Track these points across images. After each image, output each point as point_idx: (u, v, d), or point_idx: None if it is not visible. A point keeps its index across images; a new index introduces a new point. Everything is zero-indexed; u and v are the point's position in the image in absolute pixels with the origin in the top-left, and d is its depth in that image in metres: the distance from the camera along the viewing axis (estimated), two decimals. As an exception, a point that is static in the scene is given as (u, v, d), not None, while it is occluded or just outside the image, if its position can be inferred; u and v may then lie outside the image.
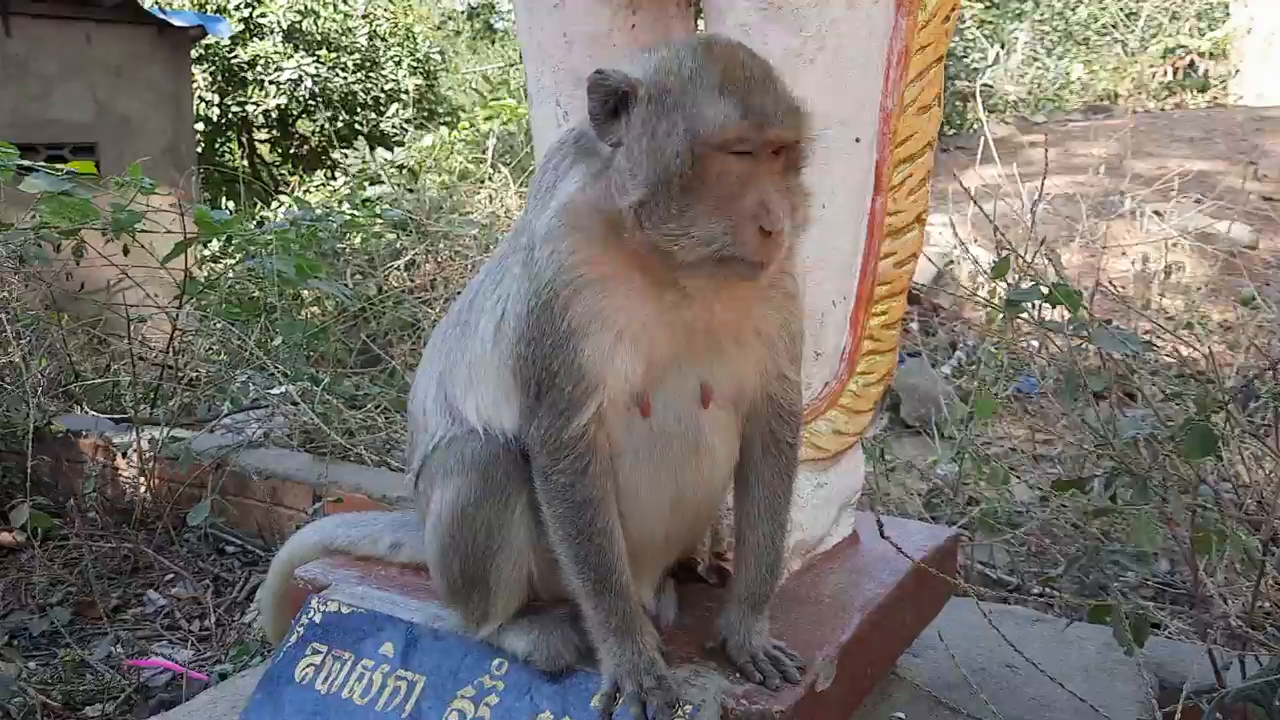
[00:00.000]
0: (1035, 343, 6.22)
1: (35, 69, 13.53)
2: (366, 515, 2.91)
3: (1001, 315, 4.96)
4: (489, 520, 2.19)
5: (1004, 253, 3.95)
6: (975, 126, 13.61)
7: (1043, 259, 3.55)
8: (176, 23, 14.45)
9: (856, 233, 2.76)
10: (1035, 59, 19.06)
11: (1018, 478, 5.28)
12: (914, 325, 8.21)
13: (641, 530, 2.21)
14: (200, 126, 22.57)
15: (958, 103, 14.66)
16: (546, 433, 2.07)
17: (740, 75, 1.93)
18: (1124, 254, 7.86)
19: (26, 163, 6.27)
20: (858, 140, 2.67)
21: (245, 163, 24.76)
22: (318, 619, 2.57)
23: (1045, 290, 3.23)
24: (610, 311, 2.01)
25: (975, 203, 3.44)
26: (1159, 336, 5.51)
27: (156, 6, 15.45)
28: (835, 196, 2.68)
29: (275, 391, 5.33)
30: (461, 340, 2.30)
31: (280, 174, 24.27)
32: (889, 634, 2.71)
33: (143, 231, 6.34)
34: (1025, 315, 3.51)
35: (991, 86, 15.97)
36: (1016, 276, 3.60)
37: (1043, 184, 4.78)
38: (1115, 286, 7.57)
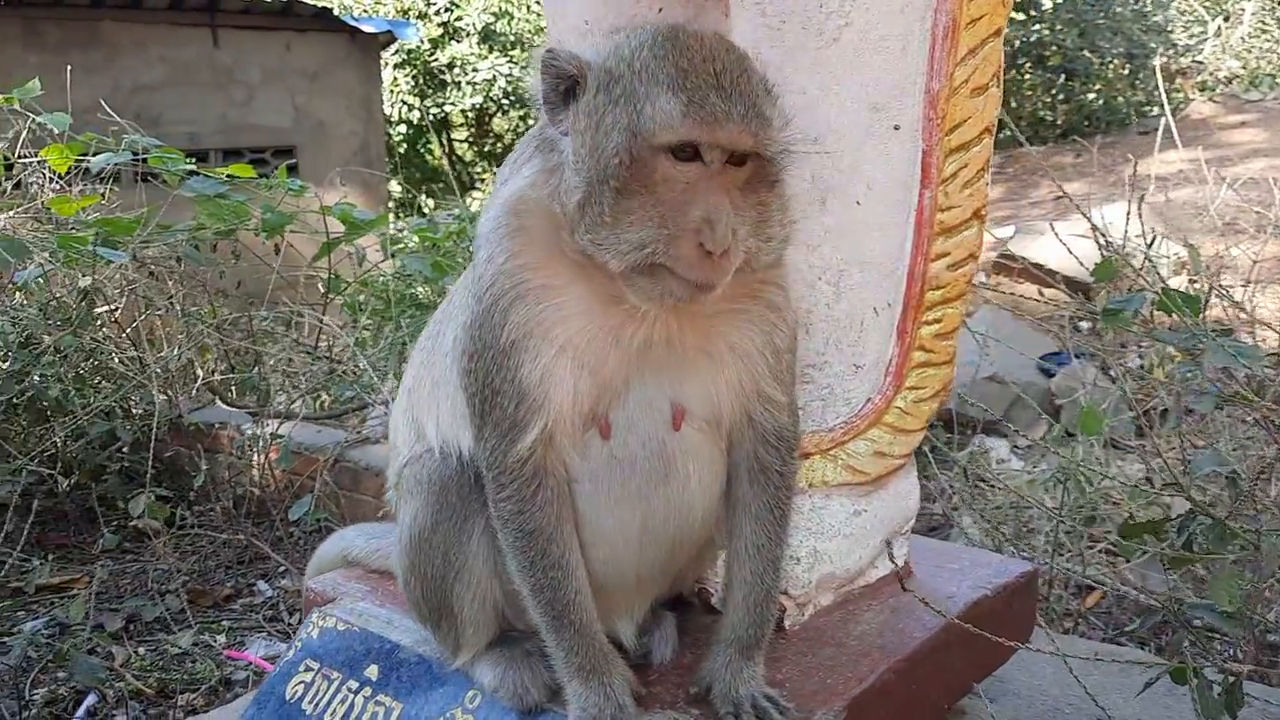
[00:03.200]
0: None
1: (240, 77, 14.43)
2: (385, 526, 2.83)
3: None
4: (445, 545, 2.06)
5: (1158, 241, 3.52)
6: (1181, 106, 12.48)
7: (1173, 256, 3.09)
8: (367, 29, 15.08)
9: (901, 231, 2.45)
10: (1265, 30, 17.34)
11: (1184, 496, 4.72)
12: (1084, 325, 7.57)
13: (608, 563, 2.03)
14: (402, 129, 23.67)
15: (1164, 82, 13.48)
16: (491, 455, 1.91)
17: (698, 70, 1.71)
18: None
19: (189, 167, 6.61)
20: (897, 128, 2.37)
21: (444, 161, 25.79)
22: (315, 634, 2.51)
23: (1152, 296, 2.81)
24: (552, 323, 1.83)
25: (1074, 204, 3.04)
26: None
27: (350, 14, 16.17)
28: (871, 191, 2.40)
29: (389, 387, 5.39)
30: (431, 353, 2.18)
31: (475, 171, 25.15)
32: (928, 684, 2.40)
33: (307, 233, 6.62)
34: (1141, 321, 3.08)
35: (1203, 63, 14.60)
36: (1133, 279, 3.17)
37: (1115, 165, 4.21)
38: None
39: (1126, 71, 15.29)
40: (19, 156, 6.26)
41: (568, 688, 2.02)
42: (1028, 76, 16.32)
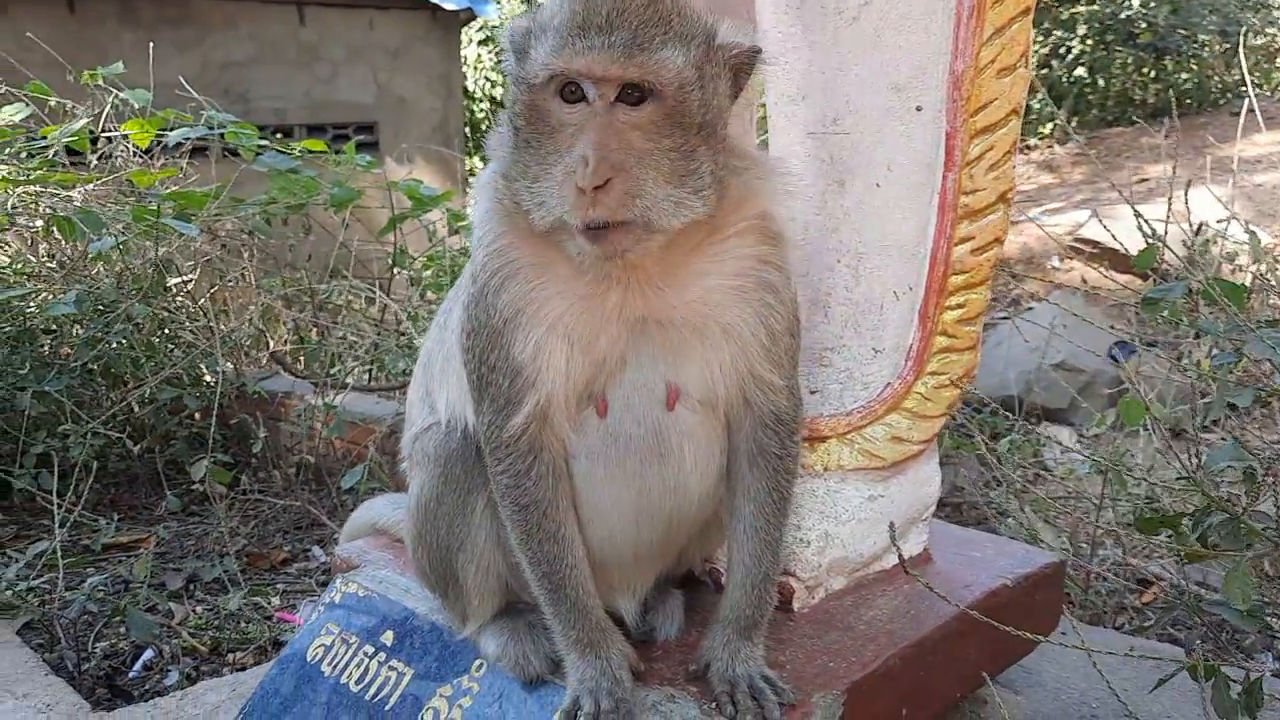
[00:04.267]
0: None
1: (325, 54, 14.70)
2: (412, 496, 2.90)
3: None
4: (450, 516, 2.11)
5: (1203, 231, 3.41)
6: (1280, 86, 11.94)
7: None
8: (448, 6, 15.23)
9: (923, 214, 2.42)
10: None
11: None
12: (1163, 313, 7.32)
13: (605, 540, 2.05)
14: (485, 105, 23.84)
15: (1264, 63, 12.94)
16: (488, 429, 1.95)
17: (586, 9, 1.69)
18: None
19: (264, 142, 6.77)
20: (919, 109, 2.34)
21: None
22: (337, 599, 2.59)
23: (1193, 285, 2.74)
24: (541, 301, 1.85)
25: (1120, 192, 2.95)
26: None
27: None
28: (892, 173, 2.37)
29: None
30: (443, 329, 2.22)
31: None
32: (938, 673, 2.37)
33: (375, 207, 6.76)
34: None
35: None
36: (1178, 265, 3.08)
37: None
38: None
39: (1222, 50, 14.67)
40: (104, 132, 6.47)
41: (566, 660, 2.05)
42: (1117, 54, 15.81)
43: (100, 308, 5.43)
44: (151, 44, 7.12)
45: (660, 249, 1.76)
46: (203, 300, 6.00)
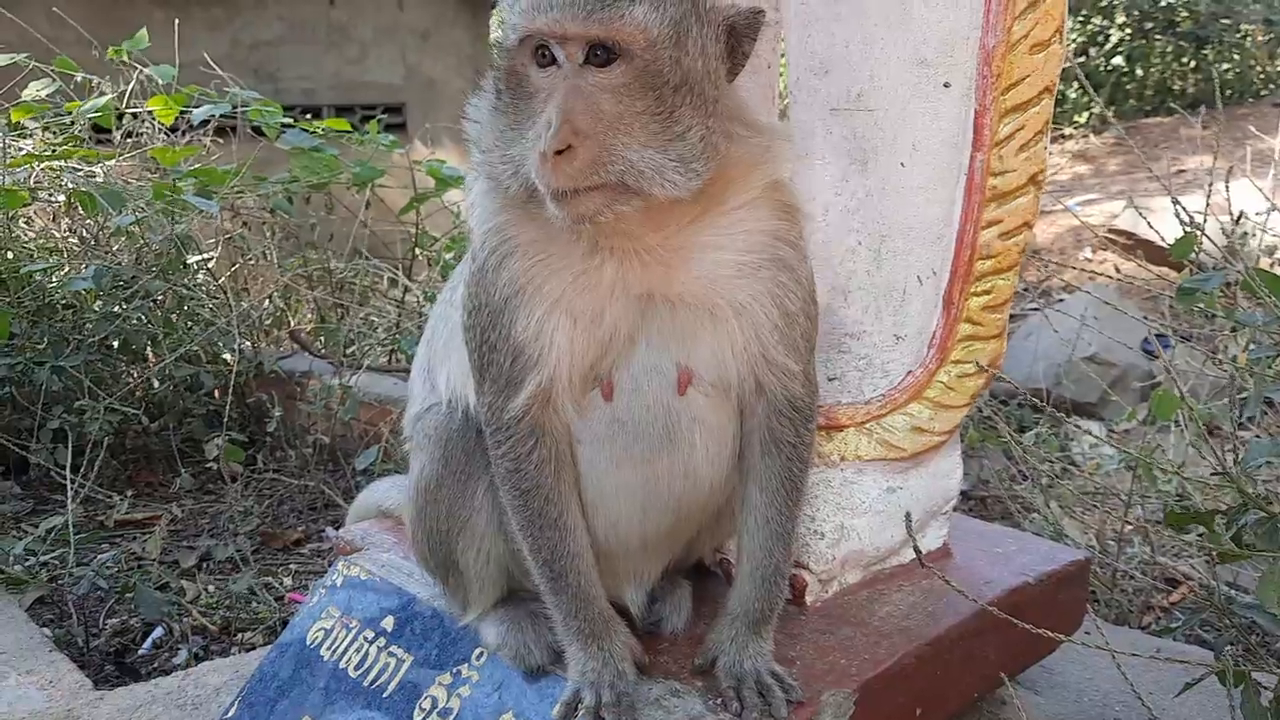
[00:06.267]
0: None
1: (354, 34, 14.66)
2: (418, 479, 2.83)
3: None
4: (450, 500, 2.05)
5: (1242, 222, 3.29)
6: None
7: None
8: (478, -13, 15.16)
9: (949, 196, 2.32)
10: None
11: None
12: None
13: (611, 527, 1.98)
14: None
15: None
16: (489, 411, 1.88)
17: None
18: None
19: (288, 120, 6.73)
20: (947, 85, 2.24)
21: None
22: (339, 582, 2.53)
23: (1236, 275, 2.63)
24: (542, 279, 1.78)
25: (1158, 176, 2.83)
26: None
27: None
28: (917, 153, 2.28)
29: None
30: (448, 305, 2.16)
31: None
32: (955, 672, 2.29)
33: (398, 187, 6.71)
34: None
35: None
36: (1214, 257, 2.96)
37: None
38: None
39: (1266, 39, 14.33)
40: (129, 108, 6.43)
41: (568, 651, 1.99)
42: (1156, 43, 15.51)
43: (120, 283, 5.41)
44: (177, 21, 7.09)
45: (643, 216, 1.68)
46: (223, 278, 5.97)
